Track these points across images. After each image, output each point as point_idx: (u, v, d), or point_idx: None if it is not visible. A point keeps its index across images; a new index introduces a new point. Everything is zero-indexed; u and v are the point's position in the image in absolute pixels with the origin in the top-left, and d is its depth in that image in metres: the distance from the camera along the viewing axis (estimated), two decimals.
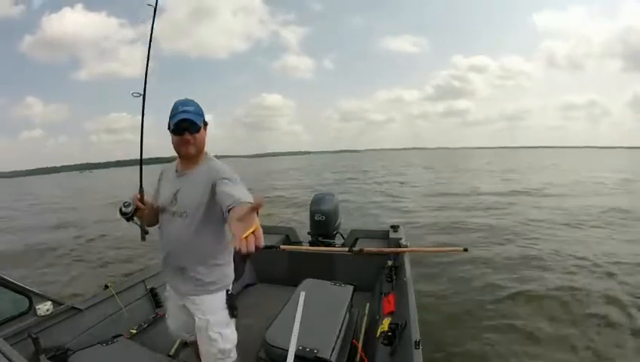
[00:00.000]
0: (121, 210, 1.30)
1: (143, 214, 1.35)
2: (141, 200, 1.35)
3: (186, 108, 1.24)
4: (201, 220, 1.25)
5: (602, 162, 34.62)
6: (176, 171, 1.37)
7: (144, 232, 1.44)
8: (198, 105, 1.28)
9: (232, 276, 1.40)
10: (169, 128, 1.28)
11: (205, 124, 1.31)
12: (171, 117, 1.25)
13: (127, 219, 1.33)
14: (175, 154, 1.34)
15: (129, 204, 1.31)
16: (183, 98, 1.30)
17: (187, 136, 1.26)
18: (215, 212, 1.19)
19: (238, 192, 1.04)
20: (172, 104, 1.30)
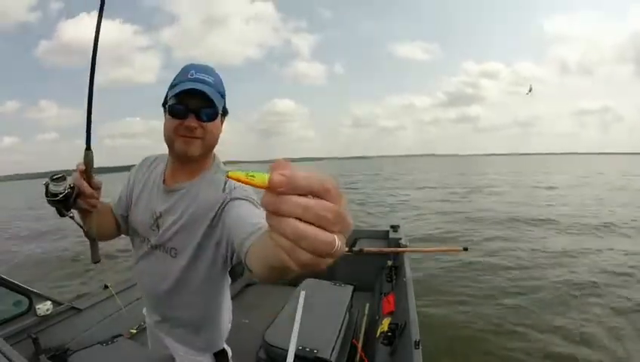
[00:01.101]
0: (47, 187, 0.70)
1: (90, 205, 0.76)
2: (86, 177, 0.76)
3: (201, 75, 0.73)
4: (198, 262, 0.81)
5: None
6: (164, 181, 0.85)
7: (93, 239, 0.86)
8: (220, 78, 0.77)
9: (227, 329, 1.01)
10: (164, 104, 0.77)
11: (225, 111, 0.81)
12: (173, 85, 0.75)
13: (60, 212, 0.73)
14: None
15: (60, 178, 0.71)
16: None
17: (192, 121, 0.73)
18: (219, 250, 0.79)
19: (259, 217, 0.67)
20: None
